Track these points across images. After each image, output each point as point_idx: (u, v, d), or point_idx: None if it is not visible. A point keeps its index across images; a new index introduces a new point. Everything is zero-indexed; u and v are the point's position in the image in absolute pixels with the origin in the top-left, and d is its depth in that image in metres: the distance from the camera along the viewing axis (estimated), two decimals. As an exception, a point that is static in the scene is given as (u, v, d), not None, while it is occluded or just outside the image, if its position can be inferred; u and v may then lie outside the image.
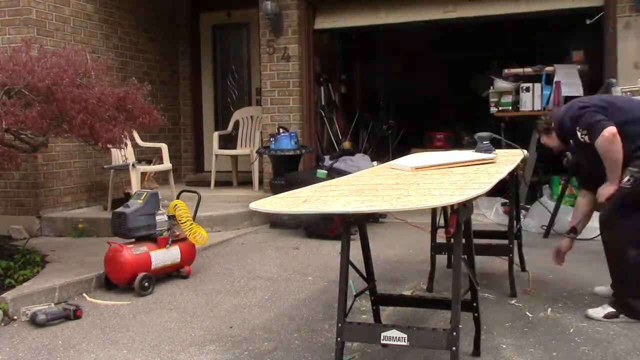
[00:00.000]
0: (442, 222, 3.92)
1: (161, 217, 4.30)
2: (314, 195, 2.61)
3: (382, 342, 2.49)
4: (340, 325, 2.56)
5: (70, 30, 6.26)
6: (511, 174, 3.52)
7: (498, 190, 2.92)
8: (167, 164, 6.44)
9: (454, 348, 2.37)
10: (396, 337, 2.44)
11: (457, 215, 2.41)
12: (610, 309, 3.28)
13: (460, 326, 2.40)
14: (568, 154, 5.15)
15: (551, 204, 5.48)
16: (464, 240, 2.60)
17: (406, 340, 2.43)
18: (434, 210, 3.90)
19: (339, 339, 2.56)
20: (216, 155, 7.15)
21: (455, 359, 2.37)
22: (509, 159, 3.52)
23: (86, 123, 4.06)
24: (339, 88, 8.38)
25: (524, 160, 3.82)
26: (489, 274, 4.17)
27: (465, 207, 2.50)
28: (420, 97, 9.86)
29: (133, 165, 5.96)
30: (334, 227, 2.56)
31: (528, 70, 6.43)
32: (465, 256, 2.76)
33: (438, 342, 2.47)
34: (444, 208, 3.82)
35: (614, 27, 5.59)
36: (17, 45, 4.50)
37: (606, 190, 3.37)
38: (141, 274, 4.06)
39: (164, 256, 4.27)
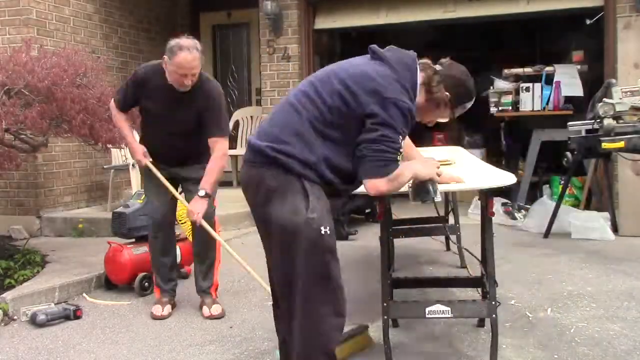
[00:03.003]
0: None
1: (161, 217, 4.29)
2: None
3: (427, 316, 2.65)
4: (385, 304, 2.67)
5: (70, 30, 6.26)
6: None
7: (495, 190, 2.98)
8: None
9: (493, 315, 2.58)
10: (440, 311, 2.62)
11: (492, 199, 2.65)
12: None
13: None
14: (568, 154, 5.17)
15: (550, 204, 5.48)
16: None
17: (450, 313, 2.62)
18: (447, 198, 4.57)
19: (385, 317, 2.66)
20: (216, 156, 7.14)
21: (495, 325, 2.58)
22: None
23: (86, 123, 4.07)
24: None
25: None
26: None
27: None
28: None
29: (133, 165, 5.96)
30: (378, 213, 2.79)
31: (528, 70, 6.43)
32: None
33: (479, 311, 2.73)
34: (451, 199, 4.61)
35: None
36: (17, 45, 4.51)
37: None
38: (141, 274, 4.06)
39: (164, 256, 4.27)
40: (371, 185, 2.12)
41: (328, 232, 2.09)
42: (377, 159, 2.08)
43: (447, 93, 2.27)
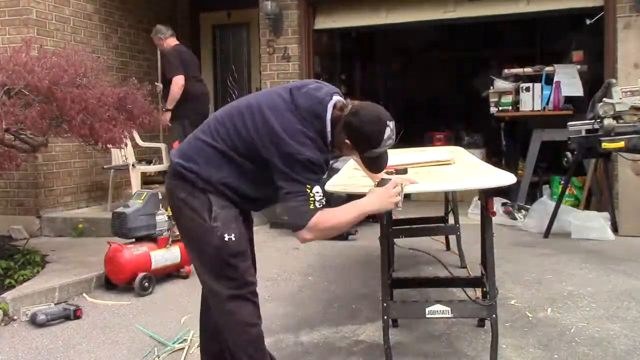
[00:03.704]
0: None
1: (161, 217, 4.30)
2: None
3: (427, 316, 2.65)
4: (385, 304, 2.67)
5: (70, 30, 6.26)
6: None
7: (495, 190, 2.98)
8: (167, 164, 6.45)
9: (493, 316, 2.59)
10: (440, 311, 2.62)
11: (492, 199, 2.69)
12: None
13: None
14: (568, 154, 5.17)
15: (550, 204, 5.48)
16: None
17: (450, 313, 2.63)
18: (446, 198, 4.73)
19: (385, 317, 2.67)
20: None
21: (495, 325, 2.59)
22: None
23: (86, 123, 4.06)
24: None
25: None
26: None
27: None
28: (420, 97, 9.87)
29: (133, 165, 5.97)
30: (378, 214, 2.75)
31: (528, 70, 6.43)
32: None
33: (479, 312, 2.72)
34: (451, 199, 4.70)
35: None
36: (17, 45, 4.50)
37: None
38: (141, 274, 4.06)
39: (164, 256, 4.27)
40: (299, 237, 2.25)
41: (233, 238, 2.26)
42: (290, 214, 2.21)
43: (347, 141, 2.27)
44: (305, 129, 2.20)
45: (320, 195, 2.19)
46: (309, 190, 2.16)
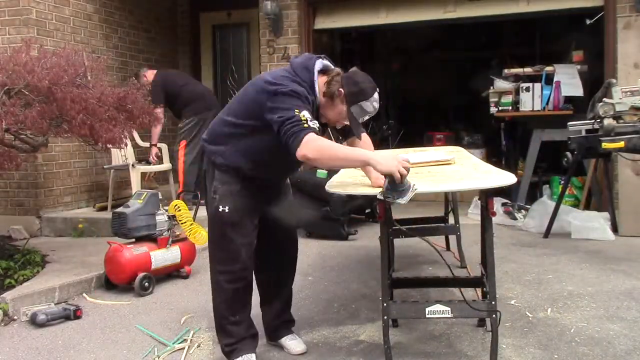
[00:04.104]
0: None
1: (161, 217, 4.30)
2: None
3: (427, 316, 2.67)
4: (385, 304, 2.68)
5: (70, 30, 6.26)
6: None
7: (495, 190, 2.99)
8: (167, 164, 6.45)
9: (494, 315, 2.61)
10: (440, 311, 2.63)
11: (492, 199, 2.73)
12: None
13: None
14: (568, 154, 5.17)
15: (550, 204, 5.48)
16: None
17: (450, 313, 2.64)
18: (446, 198, 4.73)
19: (385, 317, 2.68)
20: (216, 155, 7.13)
21: (495, 325, 2.61)
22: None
23: (86, 123, 4.06)
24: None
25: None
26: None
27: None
28: (420, 97, 9.87)
29: (133, 165, 5.97)
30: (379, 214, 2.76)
31: (528, 70, 6.43)
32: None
33: (479, 312, 2.71)
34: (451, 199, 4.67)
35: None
36: (17, 45, 4.50)
37: None
38: (141, 274, 4.06)
39: (164, 256, 4.27)
40: (298, 155, 2.43)
41: (226, 210, 2.68)
42: (286, 138, 2.44)
43: (341, 89, 2.61)
44: (293, 76, 2.57)
45: (310, 118, 2.44)
46: (297, 113, 2.43)
